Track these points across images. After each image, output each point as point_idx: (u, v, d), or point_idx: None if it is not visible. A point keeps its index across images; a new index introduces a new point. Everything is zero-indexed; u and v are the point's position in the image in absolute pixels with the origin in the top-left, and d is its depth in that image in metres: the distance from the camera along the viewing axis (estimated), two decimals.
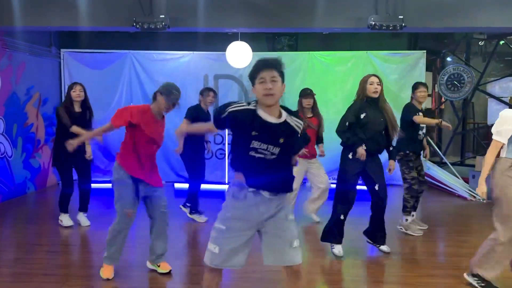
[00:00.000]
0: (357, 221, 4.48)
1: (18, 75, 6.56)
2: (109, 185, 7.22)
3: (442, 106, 8.65)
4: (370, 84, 3.90)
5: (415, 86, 4.85)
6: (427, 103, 8.51)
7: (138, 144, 3.39)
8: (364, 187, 4.10)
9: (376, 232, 4.14)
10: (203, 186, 5.42)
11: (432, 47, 8.18)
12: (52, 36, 7.45)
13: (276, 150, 2.35)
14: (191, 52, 7.75)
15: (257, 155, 2.34)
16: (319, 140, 5.12)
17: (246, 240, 2.44)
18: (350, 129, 3.90)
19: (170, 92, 3.30)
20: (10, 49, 6.32)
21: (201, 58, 7.80)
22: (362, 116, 3.88)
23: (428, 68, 8.35)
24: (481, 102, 8.34)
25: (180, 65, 7.80)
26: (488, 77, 7.75)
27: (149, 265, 3.71)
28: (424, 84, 4.84)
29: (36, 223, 5.20)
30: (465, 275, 3.43)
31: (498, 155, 3.25)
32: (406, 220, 4.84)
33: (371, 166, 3.94)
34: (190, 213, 5.22)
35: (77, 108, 4.81)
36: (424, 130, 4.79)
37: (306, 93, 5.03)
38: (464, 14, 5.13)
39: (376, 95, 3.90)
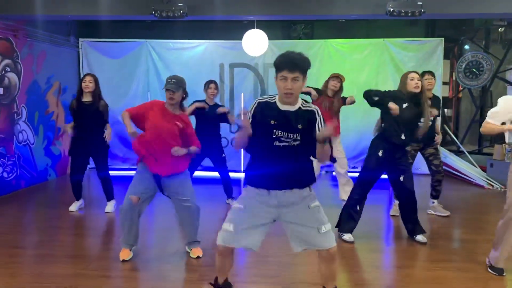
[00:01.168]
0: (372, 208, 4.50)
1: (39, 64, 6.68)
2: (127, 173, 7.44)
3: (460, 95, 8.53)
4: (411, 79, 3.89)
5: (421, 75, 4.85)
6: (444, 92, 8.44)
7: (148, 137, 3.50)
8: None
9: (412, 224, 4.16)
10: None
11: (450, 34, 8.05)
12: (70, 26, 7.55)
13: (298, 136, 2.43)
14: (207, 41, 7.77)
15: (281, 144, 2.42)
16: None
17: (262, 223, 2.49)
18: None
19: (166, 82, 3.49)
20: (30, 38, 6.43)
21: (216, 47, 7.82)
22: (404, 106, 3.85)
23: (446, 56, 8.23)
24: (499, 90, 8.19)
25: (196, 53, 7.82)
26: (508, 65, 7.61)
27: (186, 248, 3.82)
28: (430, 72, 4.87)
29: (58, 208, 5.33)
30: None
31: None
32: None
33: (397, 159, 3.96)
34: None
35: (87, 98, 4.84)
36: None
37: (335, 75, 5.27)
38: (478, 2, 5.05)
39: (417, 90, 3.87)
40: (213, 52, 7.82)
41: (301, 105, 2.52)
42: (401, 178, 3.97)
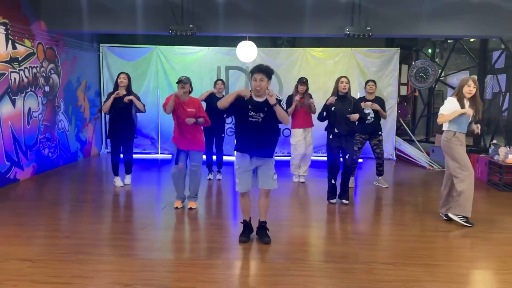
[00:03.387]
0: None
1: (72, 66, 8.27)
2: (138, 156, 9.03)
3: (416, 93, 10.30)
4: (341, 83, 5.57)
5: (366, 82, 6.54)
6: (402, 91, 10.21)
7: (176, 120, 5.20)
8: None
9: (342, 190, 5.81)
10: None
11: (407, 44, 9.79)
12: (94, 34, 9.09)
13: (263, 115, 3.99)
14: (207, 47, 9.38)
15: (253, 119, 4.00)
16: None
17: (250, 174, 4.09)
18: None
19: (179, 80, 5.18)
20: (67, 46, 8.01)
21: (215, 52, 9.44)
22: (333, 108, 5.56)
23: (405, 62, 9.99)
24: (446, 91, 9.97)
25: (198, 58, 9.44)
26: (448, 71, 9.37)
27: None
28: (372, 80, 6.52)
29: (93, 180, 6.98)
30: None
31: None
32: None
33: (345, 144, 5.63)
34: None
35: (122, 92, 6.19)
36: (372, 115, 6.28)
37: (301, 81, 6.66)
38: (412, 25, 6.82)
39: (344, 91, 5.56)
40: (211, 57, 9.45)
41: (266, 96, 3.93)
42: (346, 157, 5.67)
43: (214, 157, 7.23)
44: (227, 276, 3.49)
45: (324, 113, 5.66)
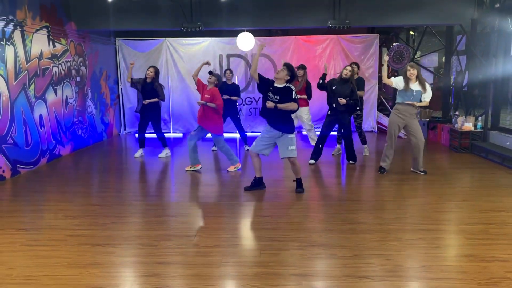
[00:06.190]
0: (325, 151, 7.61)
1: (95, 59, 9.58)
2: (153, 135, 10.40)
3: (395, 74, 11.63)
4: (345, 69, 6.93)
5: (350, 65, 7.85)
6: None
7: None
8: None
9: (348, 154, 7.29)
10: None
11: (387, 29, 11.10)
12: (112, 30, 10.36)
13: (278, 97, 5.27)
14: (210, 38, 10.66)
15: (270, 99, 5.30)
16: (308, 96, 8.10)
17: (268, 144, 5.41)
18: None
19: (216, 76, 6.56)
20: (91, 41, 9.31)
21: (217, 42, 10.74)
22: (334, 87, 6.92)
23: (385, 45, 11.30)
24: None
25: (202, 47, 10.74)
26: (421, 53, 10.69)
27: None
28: (356, 63, 7.81)
29: (119, 155, 8.37)
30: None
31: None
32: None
33: (341, 119, 7.04)
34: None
35: (148, 81, 7.69)
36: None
37: (298, 67, 7.97)
38: (385, 16, 8.15)
39: (346, 76, 6.89)
40: (214, 46, 10.75)
41: (285, 84, 5.36)
42: (342, 130, 7.09)
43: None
44: (246, 211, 4.95)
45: (321, 81, 7.04)
